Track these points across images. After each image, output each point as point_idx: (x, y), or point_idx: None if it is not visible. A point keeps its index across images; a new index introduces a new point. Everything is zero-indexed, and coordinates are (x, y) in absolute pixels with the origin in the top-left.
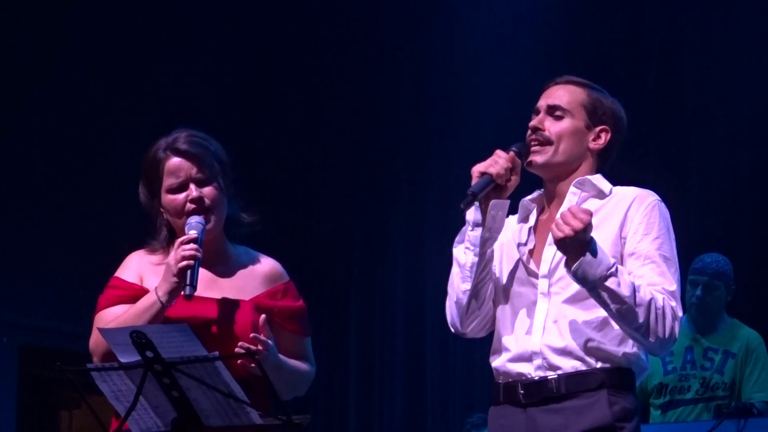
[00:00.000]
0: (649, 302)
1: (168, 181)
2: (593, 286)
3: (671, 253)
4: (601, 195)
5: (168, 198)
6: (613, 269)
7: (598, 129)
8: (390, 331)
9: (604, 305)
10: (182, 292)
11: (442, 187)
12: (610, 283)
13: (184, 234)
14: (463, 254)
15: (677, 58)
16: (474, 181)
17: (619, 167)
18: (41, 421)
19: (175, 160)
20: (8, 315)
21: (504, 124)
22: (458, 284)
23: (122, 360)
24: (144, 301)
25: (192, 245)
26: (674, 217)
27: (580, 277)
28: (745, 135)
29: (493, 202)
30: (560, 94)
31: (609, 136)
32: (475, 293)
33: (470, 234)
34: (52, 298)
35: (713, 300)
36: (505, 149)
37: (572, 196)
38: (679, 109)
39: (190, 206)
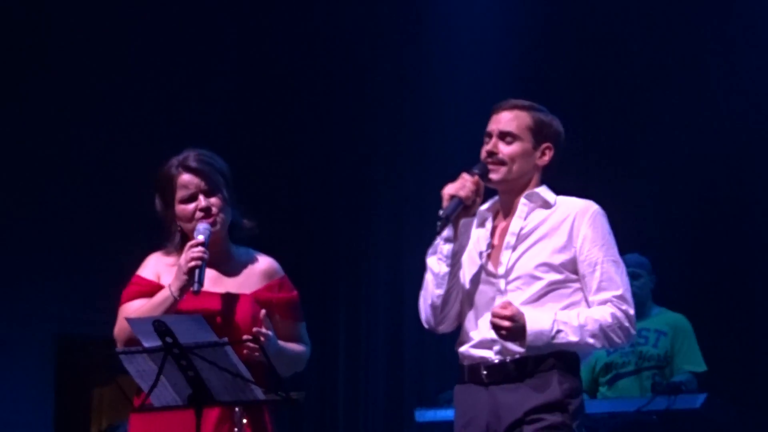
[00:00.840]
0: (599, 328)
1: (180, 193)
2: (549, 348)
3: (616, 255)
4: (546, 205)
5: (180, 207)
6: (555, 328)
7: (542, 147)
8: (373, 320)
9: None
10: (191, 289)
11: (419, 191)
12: (559, 340)
13: (193, 238)
14: (437, 264)
15: (616, 74)
16: (445, 204)
17: (566, 176)
18: (76, 398)
19: (186, 176)
20: (47, 306)
21: (474, 136)
22: (432, 290)
23: (146, 345)
24: (160, 296)
25: (199, 248)
26: (611, 220)
27: (534, 351)
28: (672, 149)
29: (462, 221)
30: (509, 119)
31: (552, 152)
32: (446, 297)
33: (443, 247)
34: (84, 291)
35: (640, 286)
36: (470, 172)
37: (523, 207)
38: (619, 124)
39: (199, 214)
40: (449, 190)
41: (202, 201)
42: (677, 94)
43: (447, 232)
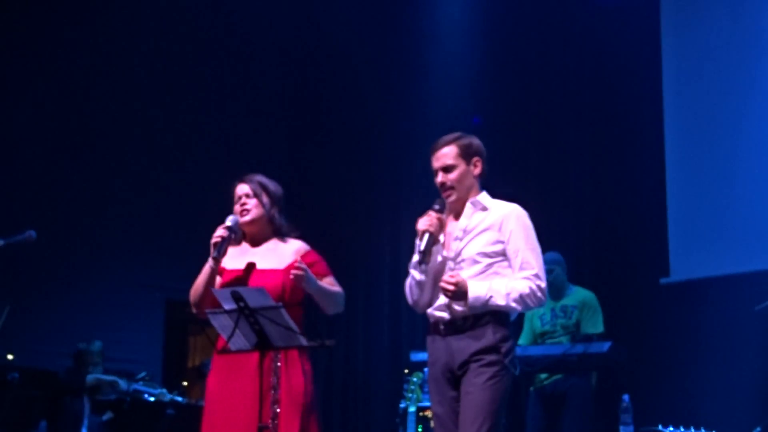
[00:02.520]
0: (520, 296)
1: (235, 197)
2: (484, 307)
3: (533, 244)
4: (484, 208)
5: (235, 207)
6: (489, 294)
7: (473, 161)
8: (381, 293)
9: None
10: (213, 255)
11: (413, 200)
12: (491, 302)
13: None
14: (418, 275)
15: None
16: (420, 238)
17: (505, 185)
18: (178, 343)
19: (238, 186)
20: (158, 279)
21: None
22: (415, 290)
23: (226, 307)
24: (205, 266)
25: (221, 231)
26: (534, 220)
27: (473, 309)
28: (584, 166)
29: (434, 248)
30: (444, 155)
31: (481, 162)
32: (424, 293)
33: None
34: (184, 270)
35: (554, 277)
36: (433, 209)
37: (469, 210)
38: (546, 147)
39: (239, 209)
40: (422, 226)
41: (243, 200)
42: (593, 139)
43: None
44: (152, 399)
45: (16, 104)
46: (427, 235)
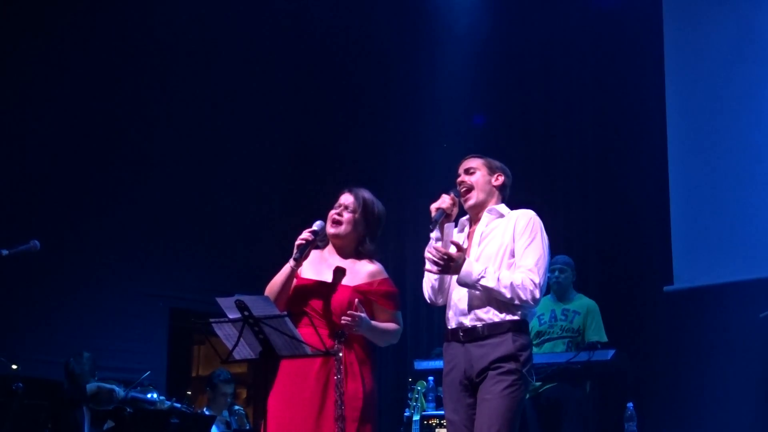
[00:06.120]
0: (510, 284)
1: (336, 202)
2: (473, 287)
3: (537, 243)
4: (501, 216)
5: (331, 212)
6: (481, 275)
7: (496, 174)
8: None
9: (484, 292)
10: (294, 256)
11: (414, 203)
12: (482, 282)
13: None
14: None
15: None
16: (433, 214)
17: (526, 197)
18: (182, 352)
19: (345, 194)
20: (163, 288)
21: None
22: (431, 276)
23: (230, 316)
24: (285, 266)
25: (306, 234)
26: (548, 227)
27: (462, 283)
28: (587, 173)
29: (446, 225)
30: (469, 161)
31: (503, 177)
32: (441, 282)
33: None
34: (189, 280)
35: (564, 278)
36: (447, 192)
37: (486, 218)
38: (549, 160)
39: (333, 216)
40: (434, 205)
41: (340, 210)
42: (596, 146)
43: (436, 234)
44: (151, 407)
45: (20, 111)
46: (438, 210)
